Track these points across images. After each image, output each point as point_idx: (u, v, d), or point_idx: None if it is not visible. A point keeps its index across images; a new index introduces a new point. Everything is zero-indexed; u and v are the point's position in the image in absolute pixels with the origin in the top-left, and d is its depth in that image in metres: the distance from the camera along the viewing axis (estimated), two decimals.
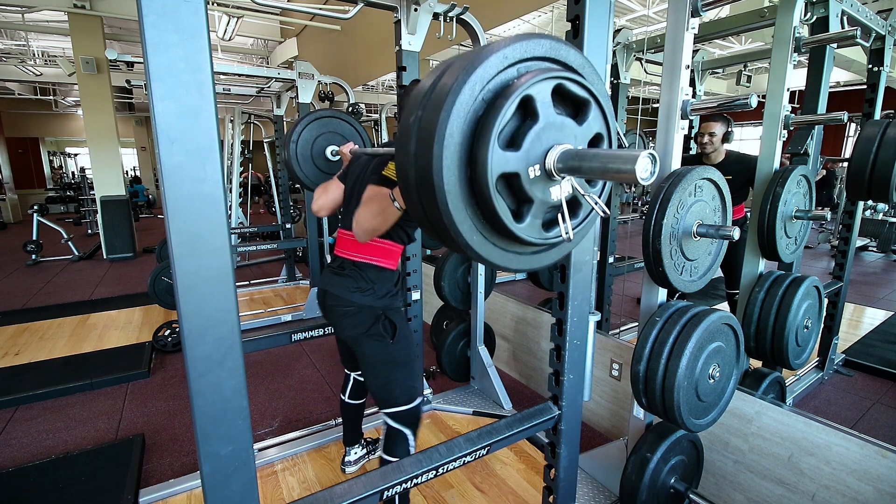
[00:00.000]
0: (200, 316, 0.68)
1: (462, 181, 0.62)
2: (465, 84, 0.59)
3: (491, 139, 0.59)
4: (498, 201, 0.62)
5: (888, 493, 1.34)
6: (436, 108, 0.60)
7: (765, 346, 1.88)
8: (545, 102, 0.63)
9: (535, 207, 0.67)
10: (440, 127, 0.59)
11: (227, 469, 0.75)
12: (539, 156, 0.64)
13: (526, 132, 0.63)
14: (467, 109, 0.60)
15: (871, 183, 1.92)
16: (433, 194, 0.61)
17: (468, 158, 0.61)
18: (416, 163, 0.63)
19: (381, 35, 5.89)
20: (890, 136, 1.86)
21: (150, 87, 0.60)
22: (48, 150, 13.28)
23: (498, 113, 0.59)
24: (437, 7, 1.89)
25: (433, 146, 0.59)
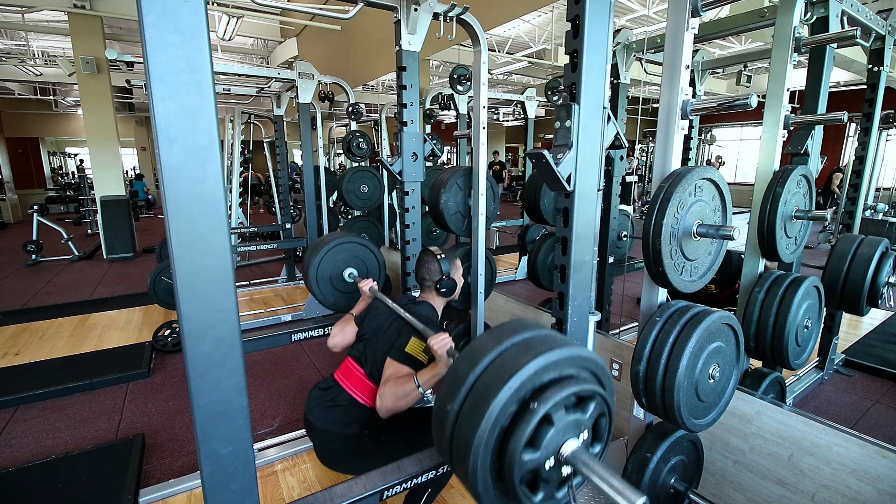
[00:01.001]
0: (200, 316, 0.68)
1: (492, 471, 0.74)
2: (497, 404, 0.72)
3: (517, 451, 0.72)
4: (521, 491, 0.74)
5: (888, 493, 1.34)
6: (472, 422, 0.72)
7: (765, 346, 1.88)
8: (559, 412, 0.76)
9: (548, 486, 0.77)
10: (476, 443, 0.71)
11: (227, 469, 0.75)
12: (554, 449, 0.76)
13: (546, 434, 0.74)
14: (498, 424, 0.73)
15: (843, 296, 2.06)
16: (468, 484, 0.74)
17: (497, 453, 0.74)
18: (451, 451, 0.76)
19: (381, 35, 5.89)
20: (861, 255, 2.01)
21: (150, 87, 0.60)
22: (48, 150, 13.28)
23: (524, 432, 0.72)
24: (437, 7, 1.89)
25: (468, 456, 0.72)
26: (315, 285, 2.14)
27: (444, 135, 12.87)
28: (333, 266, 2.18)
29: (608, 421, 0.84)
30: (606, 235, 2.91)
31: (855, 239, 2.07)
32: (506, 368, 0.74)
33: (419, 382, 1.37)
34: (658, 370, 1.28)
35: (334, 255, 2.17)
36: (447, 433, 0.76)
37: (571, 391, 0.76)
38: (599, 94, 1.17)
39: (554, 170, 1.13)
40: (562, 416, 0.76)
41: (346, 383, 1.54)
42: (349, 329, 1.73)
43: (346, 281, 2.20)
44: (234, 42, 8.58)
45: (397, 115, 2.05)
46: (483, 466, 0.72)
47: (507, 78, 10.20)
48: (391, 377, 1.42)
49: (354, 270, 2.21)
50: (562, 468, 0.77)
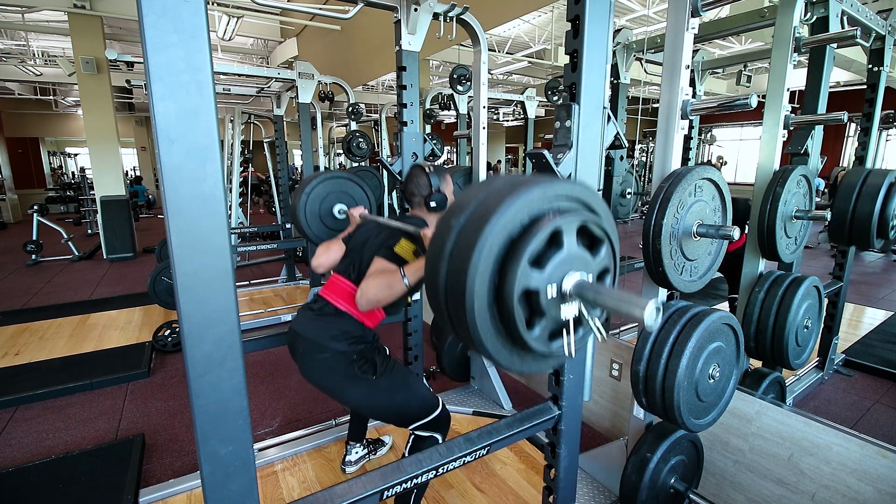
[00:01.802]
0: (200, 316, 0.68)
1: (490, 288, 0.70)
2: (511, 208, 0.69)
3: (524, 257, 0.68)
4: (517, 312, 0.70)
5: (888, 493, 1.34)
6: (480, 221, 0.68)
7: (765, 346, 1.88)
8: (571, 236, 0.73)
9: (546, 321, 0.74)
10: (482, 239, 0.67)
11: (227, 469, 0.75)
12: (558, 278, 0.73)
13: (550, 256, 0.71)
14: (508, 230, 0.69)
15: (852, 231, 1.99)
16: (462, 294, 0.69)
17: (499, 269, 0.70)
18: (450, 263, 0.71)
19: (381, 35, 5.89)
20: (868, 187, 1.94)
21: (150, 87, 0.60)
22: (48, 150, 13.28)
23: (533, 237, 0.68)
24: (437, 7, 1.89)
25: (472, 254, 0.67)
26: (305, 223, 2.04)
27: (444, 135, 12.87)
28: (322, 203, 2.08)
29: (612, 281, 0.82)
30: None
31: (862, 171, 1.99)
32: (523, 184, 0.71)
33: (406, 274, 1.30)
34: (658, 370, 1.28)
35: (322, 189, 2.07)
36: (450, 243, 0.71)
37: (587, 218, 0.74)
38: (599, 94, 1.17)
39: (554, 170, 1.13)
40: (573, 243, 0.73)
41: (332, 296, 1.48)
42: (335, 247, 1.63)
43: (336, 217, 2.11)
44: (234, 42, 8.58)
45: (397, 115, 2.04)
46: (482, 277, 0.68)
47: (507, 78, 10.20)
48: (376, 271, 1.36)
49: (344, 206, 2.12)
50: (561, 308, 0.74)
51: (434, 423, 1.48)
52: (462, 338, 0.76)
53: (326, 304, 1.48)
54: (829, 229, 2.06)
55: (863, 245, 2.01)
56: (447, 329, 0.79)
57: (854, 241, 2.01)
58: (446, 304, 0.74)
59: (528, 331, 0.72)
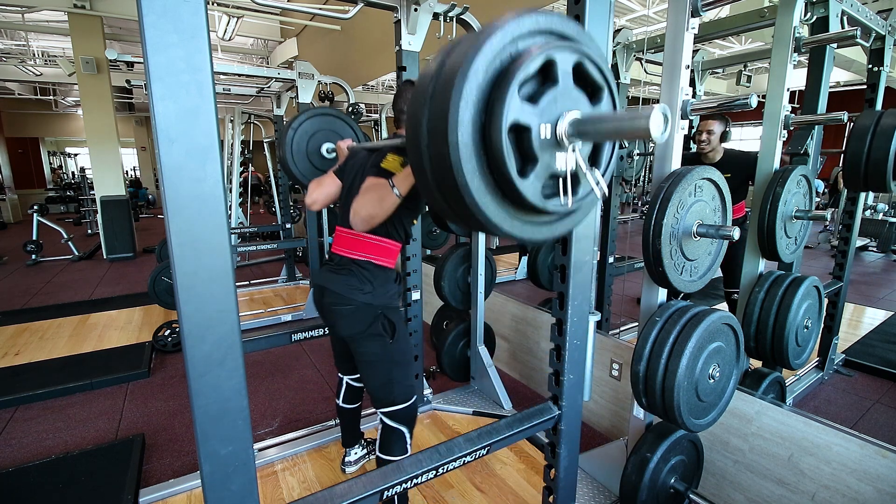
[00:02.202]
0: (200, 316, 0.68)
1: (476, 125, 0.62)
2: (497, 32, 0.61)
3: (512, 84, 0.60)
4: (507, 149, 0.62)
5: (888, 493, 1.34)
6: (466, 48, 0.61)
7: (765, 346, 1.88)
8: (566, 72, 0.65)
9: (540, 168, 0.67)
10: (466, 62, 0.59)
11: (227, 469, 0.75)
12: (552, 117, 0.66)
13: (544, 91, 0.64)
14: (495, 54, 0.61)
15: (868, 174, 1.92)
16: (445, 133, 0.60)
17: (485, 104, 0.62)
18: (432, 98, 0.63)
19: (381, 35, 5.89)
20: (883, 127, 1.86)
21: (150, 87, 0.60)
22: (48, 150, 13.28)
23: (523, 63, 0.60)
24: (437, 7, 1.89)
25: (455, 79, 0.59)
26: (291, 162, 2.00)
27: None
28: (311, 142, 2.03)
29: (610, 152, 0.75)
30: (607, 235, 2.92)
31: (875, 113, 1.93)
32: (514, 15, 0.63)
33: (395, 184, 1.28)
34: (658, 370, 1.28)
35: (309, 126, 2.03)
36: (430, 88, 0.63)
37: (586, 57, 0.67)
38: None
39: None
40: (569, 80, 0.66)
41: (343, 249, 1.48)
42: (327, 180, 1.61)
43: (324, 157, 2.06)
44: (234, 42, 8.58)
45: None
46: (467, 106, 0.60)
47: None
48: (367, 188, 1.35)
49: (332, 144, 2.08)
50: (556, 155, 0.68)
51: (404, 413, 1.50)
52: (450, 203, 0.68)
53: (341, 258, 1.49)
54: (844, 172, 2.00)
55: (878, 187, 1.93)
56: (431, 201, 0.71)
57: (869, 183, 1.94)
58: (430, 155, 0.65)
59: (522, 179, 0.65)
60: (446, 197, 0.67)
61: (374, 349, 1.46)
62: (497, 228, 0.69)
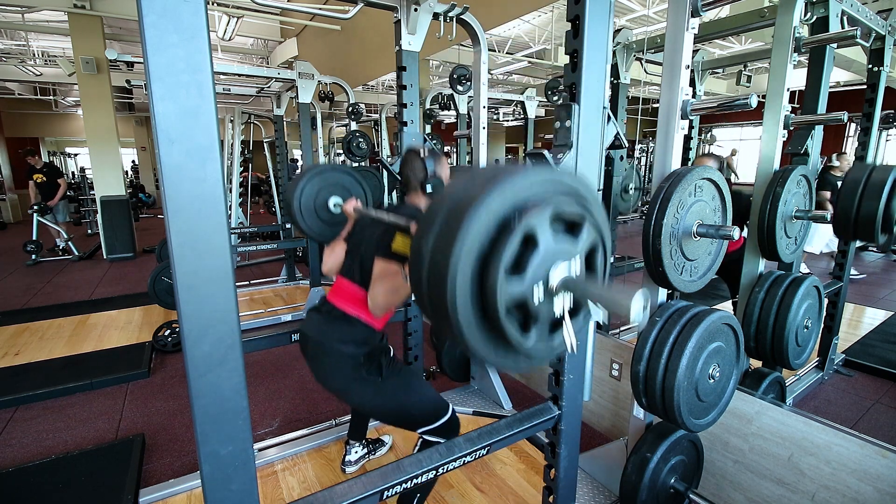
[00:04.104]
0: (200, 316, 0.68)
1: (475, 308, 0.67)
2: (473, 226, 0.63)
3: (500, 271, 0.63)
4: (508, 326, 0.67)
5: (888, 493, 1.34)
6: (446, 246, 0.64)
7: (765, 346, 1.88)
8: (544, 231, 0.67)
9: (540, 322, 0.71)
10: (452, 268, 0.63)
11: (227, 469, 0.75)
12: (543, 275, 0.68)
13: (528, 259, 0.66)
14: (475, 249, 0.64)
15: (857, 225, 2.00)
16: (450, 320, 0.66)
17: (479, 287, 0.66)
18: (429, 290, 0.67)
19: (381, 35, 5.89)
20: (874, 181, 1.95)
21: (150, 87, 0.60)
22: (48, 150, 13.27)
23: (504, 249, 0.64)
24: (437, 7, 1.89)
25: (446, 283, 0.63)
26: (300, 216, 2.04)
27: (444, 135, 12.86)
28: (317, 196, 2.07)
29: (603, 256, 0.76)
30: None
31: (867, 167, 2.01)
32: (481, 187, 0.65)
33: (407, 276, 1.30)
34: (658, 370, 1.28)
35: (317, 182, 2.07)
36: (424, 274, 0.67)
37: (557, 209, 0.68)
38: (599, 94, 1.17)
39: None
40: (548, 238, 0.68)
41: (339, 300, 1.49)
42: (339, 250, 1.65)
43: (331, 211, 2.09)
44: (234, 42, 8.58)
45: (397, 115, 2.04)
46: (463, 296, 0.64)
47: (507, 78, 10.20)
48: (380, 275, 1.38)
49: (339, 199, 2.10)
50: (553, 303, 0.70)
51: (443, 429, 1.46)
52: (466, 352, 0.74)
53: (334, 308, 1.49)
54: (834, 224, 2.06)
55: (867, 238, 2.01)
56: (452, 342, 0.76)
57: (859, 235, 2.02)
58: (440, 324, 0.71)
59: (525, 337, 0.69)
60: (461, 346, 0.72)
61: (367, 395, 1.43)
62: (502, 367, 0.75)
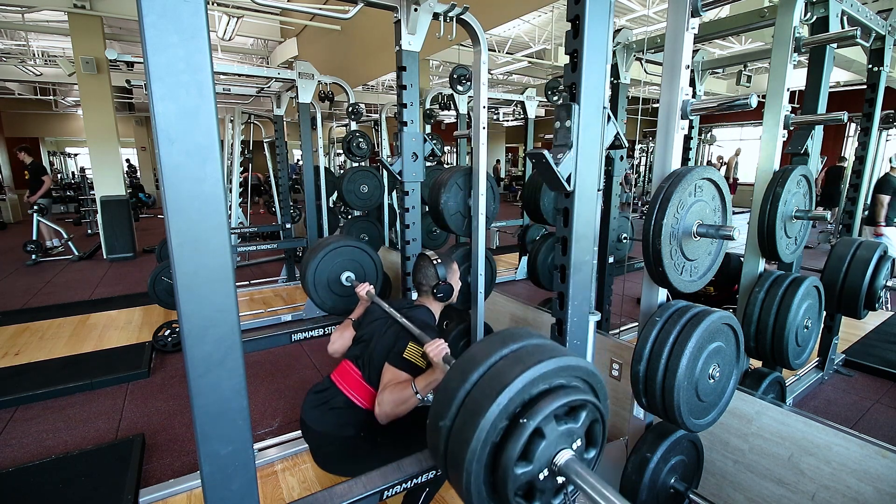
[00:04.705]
0: (200, 316, 0.68)
1: (487, 489, 0.76)
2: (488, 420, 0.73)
3: (509, 466, 0.72)
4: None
5: (888, 493, 1.34)
6: (463, 440, 0.73)
7: (765, 346, 1.88)
8: (550, 424, 0.76)
9: (546, 494, 0.78)
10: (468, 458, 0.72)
11: (227, 469, 0.75)
12: (547, 460, 0.77)
13: (535, 449, 0.75)
14: (489, 441, 0.73)
15: (841, 299, 2.08)
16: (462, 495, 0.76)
17: (491, 469, 0.75)
18: (446, 466, 0.80)
19: (381, 35, 5.89)
20: (858, 258, 2.02)
21: (150, 87, 0.60)
22: (48, 150, 13.27)
23: (515, 447, 0.72)
24: (437, 7, 1.89)
25: (462, 471, 0.73)
26: (313, 289, 2.14)
27: (444, 135, 12.87)
28: (330, 270, 2.19)
29: (602, 427, 0.85)
30: (606, 235, 2.91)
31: (853, 242, 2.09)
32: (495, 384, 0.75)
33: (417, 388, 1.37)
34: (658, 370, 1.28)
35: (331, 259, 2.18)
36: (441, 448, 0.78)
37: (561, 402, 0.77)
38: (599, 94, 1.17)
39: (554, 170, 1.13)
40: (553, 427, 0.76)
41: (343, 385, 1.54)
42: (348, 335, 1.74)
43: (343, 285, 2.20)
44: (234, 42, 8.58)
45: (397, 115, 2.04)
46: (476, 482, 0.73)
47: (507, 78, 10.20)
48: (389, 383, 1.42)
49: (352, 274, 2.21)
50: (556, 478, 0.78)
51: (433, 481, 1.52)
52: None
53: (337, 395, 1.53)
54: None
55: (850, 313, 2.11)
56: None
57: (842, 308, 2.11)
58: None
59: None
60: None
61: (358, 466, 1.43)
62: None
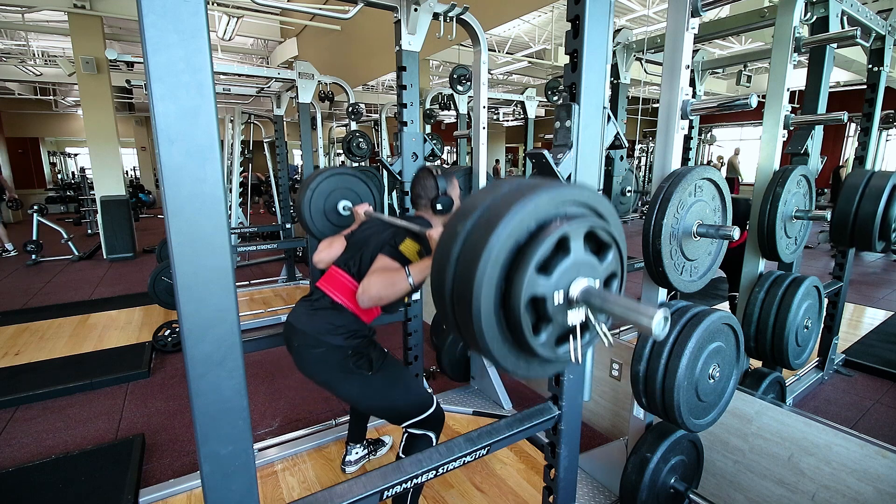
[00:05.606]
0: (200, 316, 0.68)
1: (496, 294, 0.70)
2: (518, 214, 0.67)
3: (531, 264, 0.67)
4: (524, 318, 0.69)
5: (888, 493, 1.34)
6: (487, 227, 0.67)
7: (765, 346, 1.88)
8: (578, 242, 0.72)
9: (552, 327, 0.73)
10: (489, 247, 0.66)
11: (227, 469, 0.75)
12: (565, 284, 0.72)
13: (557, 263, 0.70)
14: (514, 237, 0.68)
15: (854, 232, 1.98)
16: (469, 301, 0.68)
17: (505, 276, 0.69)
18: (457, 269, 0.70)
19: (381, 35, 5.89)
20: (872, 187, 1.92)
21: (150, 87, 0.60)
22: (48, 150, 13.27)
23: (540, 244, 0.67)
24: (437, 7, 1.89)
25: (479, 261, 0.66)
26: (309, 219, 2.05)
27: (444, 135, 12.87)
28: (327, 199, 2.09)
29: (619, 286, 0.81)
30: None
31: (865, 173, 1.98)
32: (530, 189, 0.69)
33: (411, 273, 1.30)
34: (658, 370, 1.28)
35: (327, 186, 2.08)
36: (455, 253, 0.70)
37: (596, 223, 0.73)
38: (599, 94, 1.17)
39: (554, 170, 1.13)
40: (580, 249, 0.72)
41: (330, 288, 1.48)
42: (337, 244, 1.63)
43: (340, 214, 2.12)
44: (234, 42, 8.58)
45: (397, 115, 2.04)
46: (490, 284, 0.67)
47: (507, 78, 10.20)
48: (380, 268, 1.36)
49: (349, 202, 2.12)
50: (568, 313, 0.74)
51: (427, 422, 1.48)
52: (468, 342, 0.76)
53: (323, 297, 1.48)
54: (831, 230, 2.05)
55: (864, 246, 2.00)
56: (453, 333, 0.77)
57: (856, 242, 2.01)
58: (453, 309, 0.73)
59: (535, 336, 0.72)
60: (464, 335, 0.75)
61: (355, 388, 1.42)
62: (501, 365, 0.76)
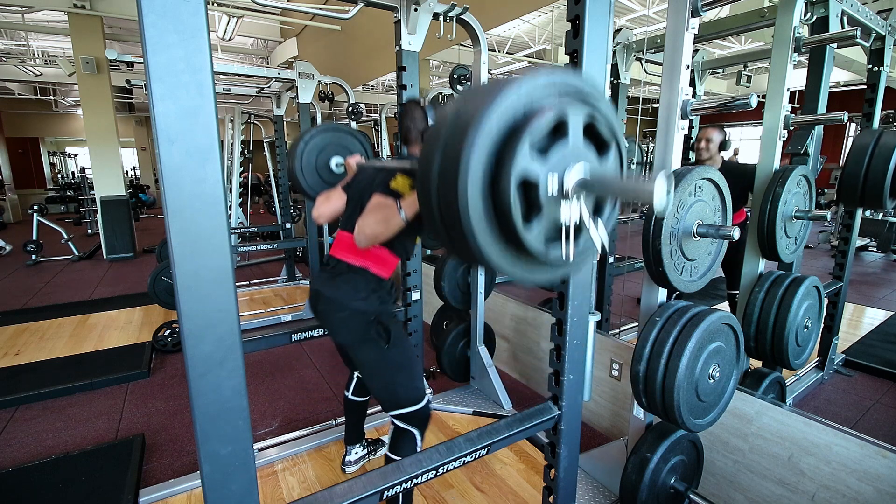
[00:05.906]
0: (200, 316, 0.68)
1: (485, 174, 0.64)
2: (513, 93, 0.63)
3: (524, 141, 0.62)
4: (514, 201, 0.64)
5: (888, 493, 1.34)
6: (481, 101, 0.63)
7: (765, 346, 1.88)
8: (577, 128, 0.68)
9: (544, 218, 0.69)
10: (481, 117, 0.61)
11: (227, 469, 0.75)
12: (561, 169, 0.68)
13: (555, 145, 0.66)
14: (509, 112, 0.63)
15: (864, 191, 1.94)
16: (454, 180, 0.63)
17: (496, 156, 0.64)
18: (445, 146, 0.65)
19: (381, 35, 5.89)
20: (883, 145, 1.88)
21: (150, 87, 0.60)
22: (48, 150, 13.27)
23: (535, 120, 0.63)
24: (437, 7, 1.89)
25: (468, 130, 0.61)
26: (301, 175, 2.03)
27: None
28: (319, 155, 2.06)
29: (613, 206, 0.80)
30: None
31: (875, 132, 1.95)
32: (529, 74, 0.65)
33: (402, 207, 1.29)
34: (658, 370, 1.28)
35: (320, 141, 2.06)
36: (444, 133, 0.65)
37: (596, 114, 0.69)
38: None
39: None
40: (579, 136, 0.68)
41: (342, 253, 1.50)
42: (335, 196, 1.62)
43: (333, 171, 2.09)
44: (234, 42, 8.58)
45: (397, 115, 2.04)
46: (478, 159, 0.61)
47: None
48: (373, 207, 1.36)
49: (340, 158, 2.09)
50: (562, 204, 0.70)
51: (414, 416, 1.50)
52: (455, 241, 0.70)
53: (338, 263, 1.49)
54: (839, 190, 2.00)
55: (874, 205, 1.94)
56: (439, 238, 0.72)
57: (866, 201, 1.95)
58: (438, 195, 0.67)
59: (525, 225, 0.67)
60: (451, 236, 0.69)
61: (370, 356, 1.46)
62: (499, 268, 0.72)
